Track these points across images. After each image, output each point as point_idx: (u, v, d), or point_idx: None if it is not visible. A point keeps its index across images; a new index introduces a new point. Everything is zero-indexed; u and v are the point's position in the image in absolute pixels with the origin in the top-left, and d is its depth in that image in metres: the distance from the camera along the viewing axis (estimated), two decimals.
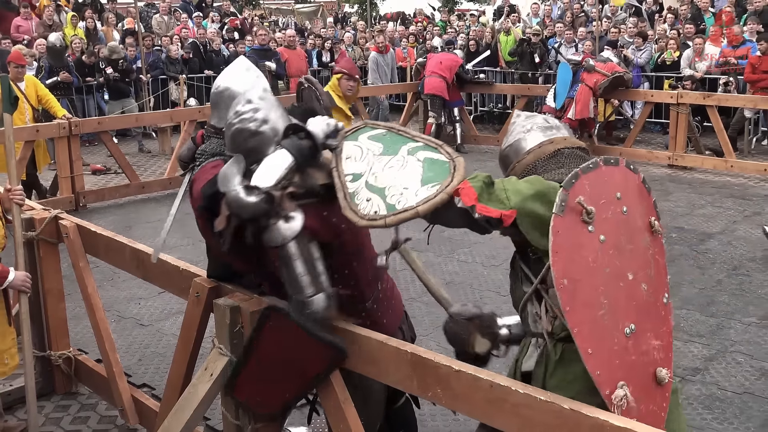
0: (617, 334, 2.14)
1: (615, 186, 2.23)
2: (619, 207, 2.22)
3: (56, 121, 8.39)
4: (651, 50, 12.06)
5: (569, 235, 2.12)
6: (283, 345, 2.67)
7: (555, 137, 2.53)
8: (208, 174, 2.81)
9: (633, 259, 2.21)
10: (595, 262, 2.14)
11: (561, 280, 2.09)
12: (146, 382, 4.49)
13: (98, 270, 5.02)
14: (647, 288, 2.22)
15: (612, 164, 2.25)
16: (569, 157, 2.46)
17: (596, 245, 2.15)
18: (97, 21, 14.59)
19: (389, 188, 2.40)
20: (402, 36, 16.12)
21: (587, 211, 2.12)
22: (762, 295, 5.68)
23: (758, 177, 9.60)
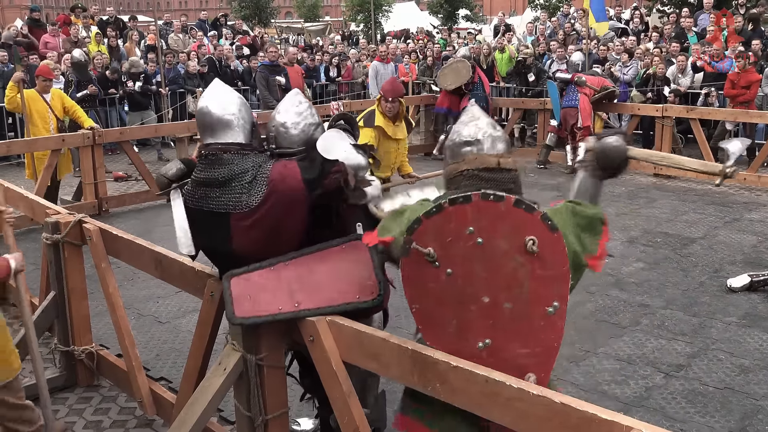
0: (469, 347, 2.31)
1: (465, 222, 2.26)
2: (472, 240, 2.26)
3: (81, 131, 8.42)
4: (637, 67, 12.05)
5: (414, 272, 2.31)
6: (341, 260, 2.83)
7: (467, 156, 2.49)
8: (287, 170, 2.89)
9: (491, 284, 2.28)
10: (442, 292, 2.30)
11: (412, 305, 2.35)
12: (164, 375, 4.49)
13: (119, 270, 5.02)
14: (513, 306, 2.27)
15: (460, 203, 2.26)
16: (470, 179, 2.45)
17: (442, 278, 2.29)
18: (119, 39, 14.65)
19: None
20: (404, 52, 16.16)
21: (426, 253, 2.26)
22: (741, 296, 5.67)
23: (738, 186, 9.58)
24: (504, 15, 21.28)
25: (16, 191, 5.17)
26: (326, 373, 2.70)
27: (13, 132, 11.38)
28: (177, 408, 3.35)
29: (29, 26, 14.51)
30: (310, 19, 45.82)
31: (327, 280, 2.77)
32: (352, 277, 2.77)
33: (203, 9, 25.96)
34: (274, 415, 2.96)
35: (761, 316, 5.31)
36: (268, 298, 2.77)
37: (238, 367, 2.93)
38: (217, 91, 3.10)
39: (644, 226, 7.74)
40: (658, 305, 5.53)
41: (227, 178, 2.89)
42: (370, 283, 2.75)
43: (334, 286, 2.76)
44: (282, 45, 18.61)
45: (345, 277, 2.77)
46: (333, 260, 2.84)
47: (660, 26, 14.75)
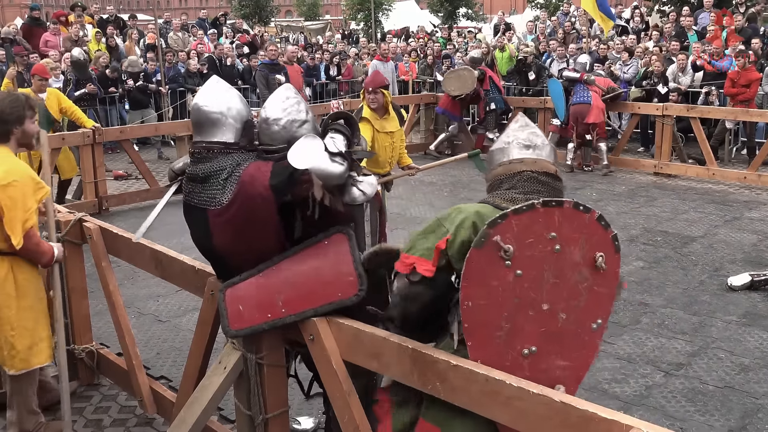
0: (512, 352, 2.28)
1: (549, 226, 2.25)
2: (550, 246, 2.26)
3: (81, 130, 8.41)
4: (637, 65, 12.05)
5: (481, 268, 2.24)
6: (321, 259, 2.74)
7: (526, 158, 2.52)
8: (259, 173, 2.82)
9: (554, 292, 2.28)
10: (504, 293, 2.25)
11: (465, 302, 2.26)
12: (164, 374, 4.49)
13: (119, 269, 5.03)
14: (567, 317, 2.30)
15: (552, 206, 2.25)
16: (528, 180, 2.47)
17: (509, 279, 2.25)
18: (118, 37, 14.64)
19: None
20: (404, 51, 16.15)
21: (504, 250, 2.22)
22: (741, 294, 5.67)
23: (738, 184, 9.59)
24: (504, 14, 21.27)
25: None
26: (326, 372, 2.70)
27: None
28: (177, 407, 3.35)
29: (29, 25, 14.50)
30: (310, 17, 45.82)
31: (309, 281, 2.73)
32: (333, 275, 2.71)
33: (203, 7, 25.97)
34: (275, 413, 2.96)
35: (761, 314, 5.31)
36: (258, 306, 2.79)
37: (239, 366, 2.94)
38: (209, 88, 3.10)
39: (644, 224, 7.74)
40: (658, 304, 5.53)
41: (207, 174, 2.93)
42: (351, 279, 2.68)
43: (316, 286, 2.72)
44: (282, 44, 18.60)
45: (326, 276, 2.72)
46: (314, 259, 2.78)
47: (660, 25, 14.75)
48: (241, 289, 2.84)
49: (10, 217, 3.39)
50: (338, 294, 2.68)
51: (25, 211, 3.43)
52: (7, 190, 3.38)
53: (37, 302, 3.66)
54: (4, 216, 3.41)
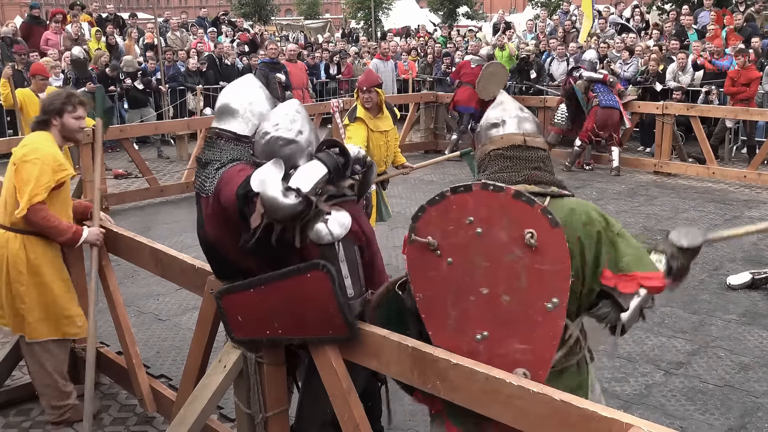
0: (466, 339, 2.31)
1: (465, 212, 2.26)
2: (471, 230, 2.25)
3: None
4: (637, 64, 12.05)
5: (418, 260, 2.33)
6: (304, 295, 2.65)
7: (493, 137, 2.53)
8: (237, 177, 2.76)
9: (490, 275, 2.26)
10: (443, 281, 2.30)
11: (417, 294, 2.35)
12: (164, 373, 4.49)
13: (119, 268, 5.02)
14: (511, 299, 2.24)
15: (461, 192, 2.26)
16: (495, 159, 2.50)
17: (443, 267, 2.30)
18: (118, 36, 14.63)
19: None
20: (404, 50, 16.15)
21: (428, 243, 2.28)
22: (741, 293, 5.67)
23: (738, 183, 9.59)
24: (504, 13, 21.25)
25: None
26: (326, 371, 2.70)
27: (13, 129, 11.37)
28: (177, 405, 3.35)
29: (29, 23, 14.48)
30: (310, 16, 45.81)
31: (300, 311, 2.68)
32: (321, 314, 2.64)
33: (203, 6, 25.95)
34: (275, 412, 2.96)
35: (761, 313, 5.31)
36: (256, 321, 2.81)
37: (238, 365, 2.93)
38: (239, 82, 3.17)
39: (644, 223, 7.74)
40: (658, 302, 5.52)
41: (208, 160, 2.96)
42: (339, 321, 2.59)
43: (306, 317, 2.68)
44: (282, 42, 18.59)
45: (315, 312, 2.65)
46: (300, 292, 2.67)
47: (660, 23, 14.75)
48: (237, 301, 2.83)
49: (20, 188, 3.60)
50: (329, 331, 2.63)
51: (37, 186, 3.57)
52: (26, 166, 3.60)
53: (55, 280, 3.77)
54: (17, 189, 3.62)
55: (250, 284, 2.78)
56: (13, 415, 4.03)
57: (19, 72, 10.64)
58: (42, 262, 3.73)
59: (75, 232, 3.73)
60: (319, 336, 2.68)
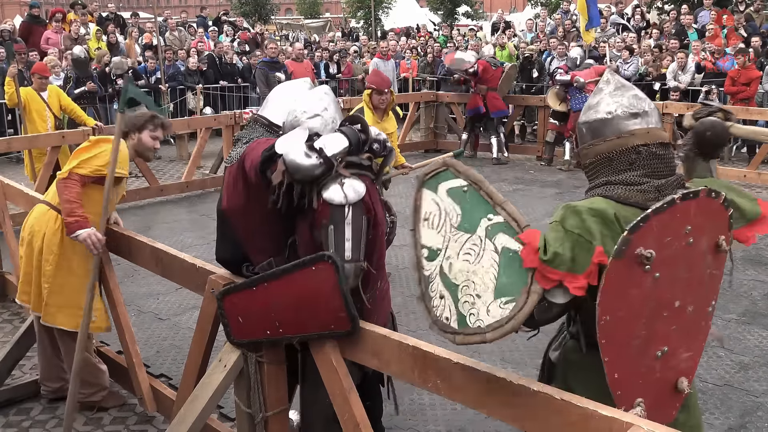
0: (647, 358, 2.10)
1: (686, 221, 2.05)
2: (685, 240, 2.06)
3: (81, 128, 8.41)
4: (637, 63, 12.05)
5: (621, 277, 1.99)
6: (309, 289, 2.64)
7: (637, 130, 2.16)
8: (264, 144, 2.92)
9: (686, 287, 2.12)
10: (643, 299, 2.04)
11: (603, 316, 2.01)
12: (164, 372, 4.49)
13: (119, 267, 5.01)
14: (693, 308, 2.15)
15: (690, 198, 2.03)
16: (646, 158, 2.16)
17: (648, 283, 2.03)
18: (119, 35, 14.62)
19: (462, 288, 2.06)
20: (404, 49, 16.14)
21: (645, 257, 1.98)
22: (741, 293, 5.67)
23: (738, 182, 9.59)
24: (503, 12, 21.25)
25: (16, 188, 5.16)
26: (326, 370, 2.70)
27: (13, 129, 11.37)
28: (177, 405, 3.35)
29: (28, 23, 14.48)
30: (310, 15, 45.81)
31: (302, 307, 2.70)
32: (325, 308, 2.64)
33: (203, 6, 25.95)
34: (275, 411, 2.96)
35: (761, 313, 5.31)
36: (257, 322, 2.81)
37: (239, 364, 2.93)
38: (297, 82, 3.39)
39: None
40: None
41: (240, 137, 3.22)
42: (342, 315, 2.60)
43: (309, 314, 2.69)
44: (281, 42, 18.59)
45: (318, 306, 2.67)
46: (303, 286, 2.68)
47: (659, 23, 14.75)
48: (238, 301, 2.85)
49: (74, 155, 3.77)
50: (331, 326, 2.66)
51: (87, 162, 3.67)
52: (91, 145, 3.76)
53: (80, 269, 3.77)
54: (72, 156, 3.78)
55: (252, 282, 2.80)
56: (13, 414, 4.03)
57: (20, 71, 10.63)
58: (76, 250, 3.74)
59: (77, 222, 3.60)
60: (320, 332, 2.67)
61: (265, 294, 2.75)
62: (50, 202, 3.82)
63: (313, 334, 2.70)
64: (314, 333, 2.70)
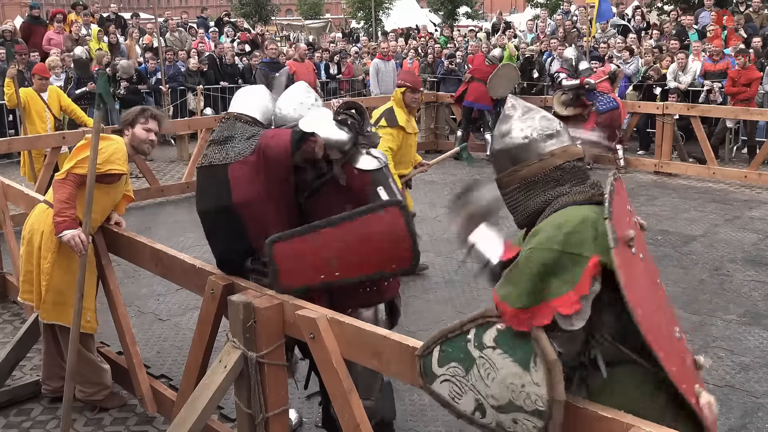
0: (675, 342, 2.05)
1: (625, 198, 2.12)
2: (631, 217, 2.10)
3: (82, 128, 8.41)
4: (638, 63, 12.05)
5: (627, 265, 1.93)
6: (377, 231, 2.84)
7: (555, 150, 2.21)
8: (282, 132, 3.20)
9: (651, 263, 2.13)
10: (644, 281, 2.01)
11: (637, 311, 1.89)
12: (164, 373, 4.49)
13: (120, 268, 5.02)
14: (662, 283, 2.18)
15: (618, 179, 2.09)
16: (570, 171, 2.20)
17: (640, 264, 2.02)
18: (120, 36, 14.63)
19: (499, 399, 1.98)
20: (403, 49, 16.14)
21: (629, 238, 1.97)
22: (742, 294, 5.67)
23: (738, 183, 9.59)
24: (501, 14, 21.25)
25: (16, 188, 5.17)
26: (327, 371, 2.70)
27: (14, 129, 11.38)
28: (177, 405, 3.35)
29: (29, 23, 14.49)
30: (310, 16, 45.83)
31: (365, 247, 2.85)
32: (390, 247, 2.85)
33: (204, 6, 26.01)
34: (275, 412, 2.95)
35: (761, 314, 5.31)
36: (312, 266, 2.90)
37: (239, 365, 2.93)
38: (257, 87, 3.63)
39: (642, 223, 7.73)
40: None
41: (229, 136, 3.28)
42: (406, 254, 2.83)
43: (372, 253, 2.85)
44: (282, 42, 18.60)
45: (383, 246, 2.85)
46: (371, 227, 2.84)
47: (660, 23, 14.75)
48: (291, 247, 2.91)
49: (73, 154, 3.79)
50: (392, 265, 2.86)
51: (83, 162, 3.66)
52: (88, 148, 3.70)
53: (77, 268, 3.71)
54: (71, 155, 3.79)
55: (311, 227, 2.91)
56: (14, 414, 4.03)
57: (20, 72, 10.64)
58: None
59: (64, 222, 3.59)
60: (381, 271, 2.85)
61: (323, 238, 2.86)
62: (50, 201, 3.82)
63: (373, 275, 2.87)
64: (377, 272, 2.84)
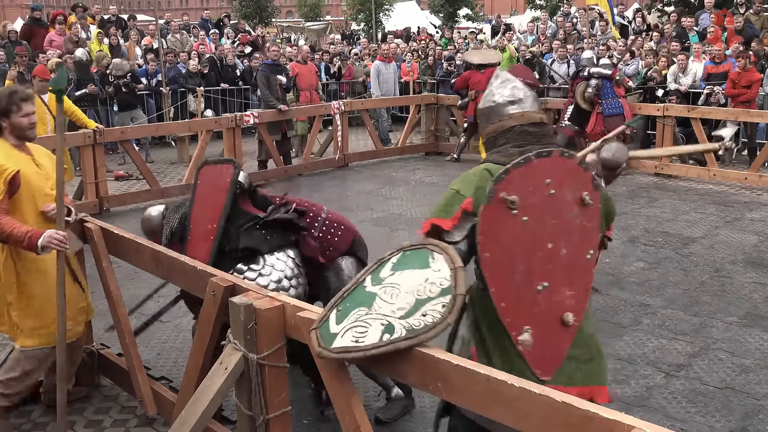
0: (529, 292, 2.55)
1: (544, 174, 2.54)
2: (547, 191, 2.54)
3: (82, 130, 8.42)
4: (638, 65, 12.05)
5: (493, 221, 2.51)
6: None
7: (514, 113, 2.73)
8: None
9: (556, 231, 2.57)
10: (515, 238, 2.52)
11: (484, 253, 2.53)
12: (164, 375, 4.49)
13: (120, 270, 5.02)
14: (567, 251, 2.59)
15: (544, 156, 2.53)
16: (520, 134, 2.71)
17: (518, 225, 2.52)
18: (121, 38, 14.64)
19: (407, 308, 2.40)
20: (404, 51, 16.16)
21: (510, 201, 2.49)
22: (742, 295, 5.67)
23: (738, 185, 9.59)
24: (500, 16, 21.25)
25: None
26: (328, 373, 2.70)
27: None
28: (178, 407, 3.35)
29: (30, 25, 14.50)
30: (311, 18, 45.84)
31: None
32: None
33: (204, 8, 26.05)
34: (276, 414, 2.95)
35: (762, 315, 5.31)
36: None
37: (240, 367, 2.93)
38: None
39: (645, 225, 7.74)
40: (658, 305, 5.53)
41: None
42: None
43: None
44: (282, 44, 18.61)
45: None
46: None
47: (660, 25, 14.76)
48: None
49: None
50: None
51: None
52: None
53: (42, 290, 3.72)
54: None
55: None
56: (14, 417, 4.03)
57: (21, 74, 10.66)
58: (30, 270, 3.70)
59: (30, 238, 3.46)
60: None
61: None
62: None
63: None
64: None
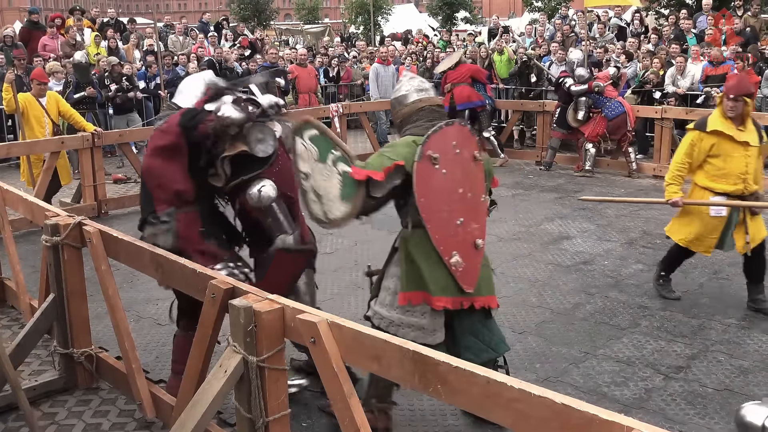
0: (452, 224, 3.57)
1: (452, 138, 3.61)
2: (455, 150, 3.60)
3: (80, 133, 8.42)
4: (636, 68, 12.07)
5: (424, 173, 3.51)
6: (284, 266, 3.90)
7: (423, 98, 3.75)
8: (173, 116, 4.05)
9: (463, 179, 3.62)
10: (439, 185, 3.54)
11: (420, 198, 3.51)
12: (163, 378, 4.48)
13: (118, 273, 5.02)
14: (471, 195, 3.65)
15: (450, 125, 3.64)
16: (428, 112, 3.72)
17: (440, 176, 3.54)
18: (119, 40, 14.64)
19: (325, 197, 3.43)
20: (402, 54, 16.15)
21: (433, 158, 3.51)
22: (741, 297, 5.67)
23: None
24: (498, 18, 21.25)
25: (15, 193, 5.17)
26: (327, 374, 2.70)
27: (12, 134, 11.38)
28: (177, 410, 3.35)
29: (28, 28, 14.50)
30: (309, 21, 45.89)
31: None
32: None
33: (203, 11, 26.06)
34: (275, 417, 2.95)
35: (760, 317, 5.32)
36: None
37: (239, 369, 2.93)
38: (200, 75, 4.33)
39: (643, 227, 7.75)
40: (657, 307, 5.54)
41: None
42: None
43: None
44: (281, 47, 18.63)
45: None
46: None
47: (659, 28, 14.77)
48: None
49: None
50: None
51: None
52: None
53: None
54: None
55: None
56: (12, 420, 4.02)
57: (19, 77, 10.66)
58: None
59: None
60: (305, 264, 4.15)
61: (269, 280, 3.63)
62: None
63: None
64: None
